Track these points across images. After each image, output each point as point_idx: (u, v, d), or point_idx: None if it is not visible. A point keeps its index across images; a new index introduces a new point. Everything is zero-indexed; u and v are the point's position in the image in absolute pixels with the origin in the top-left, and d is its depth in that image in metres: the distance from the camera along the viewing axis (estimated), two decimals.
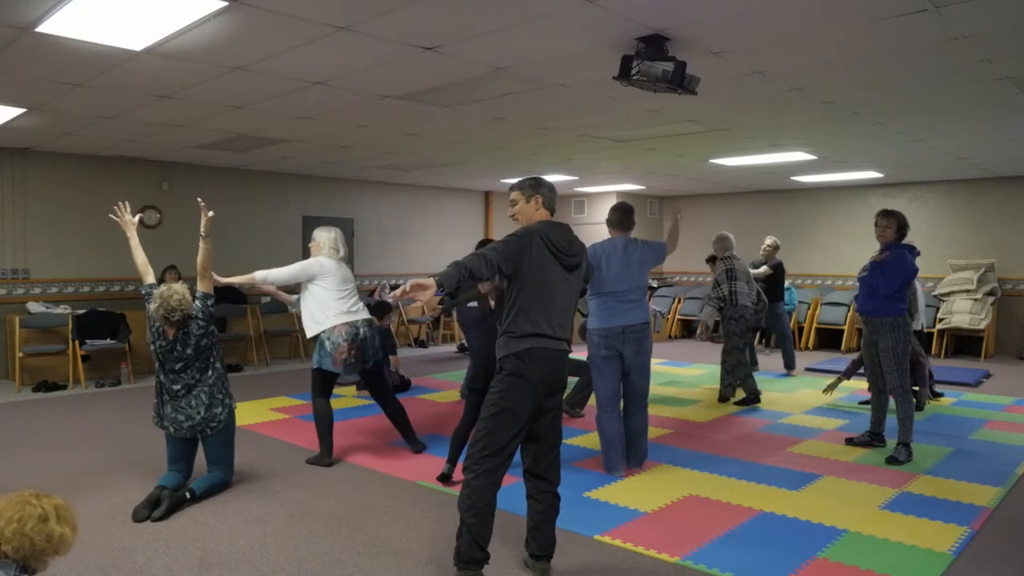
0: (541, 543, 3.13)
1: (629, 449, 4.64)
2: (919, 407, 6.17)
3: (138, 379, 7.99)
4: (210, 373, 4.10)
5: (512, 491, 4.27)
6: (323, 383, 4.77)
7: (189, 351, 4.01)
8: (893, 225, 4.97)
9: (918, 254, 5.07)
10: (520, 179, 3.26)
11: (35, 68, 4.57)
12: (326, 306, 4.68)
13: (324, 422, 4.79)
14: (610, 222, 4.67)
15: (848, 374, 6.52)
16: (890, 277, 4.84)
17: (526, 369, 2.95)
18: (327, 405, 4.80)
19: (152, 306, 3.95)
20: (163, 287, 3.99)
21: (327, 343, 4.63)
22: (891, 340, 4.90)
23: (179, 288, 3.99)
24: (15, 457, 4.80)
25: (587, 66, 4.48)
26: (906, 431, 4.91)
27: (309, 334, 4.71)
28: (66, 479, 4.17)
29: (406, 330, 11.22)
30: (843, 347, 10.51)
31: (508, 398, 2.94)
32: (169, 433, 4.06)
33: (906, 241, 5.09)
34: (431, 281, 2.72)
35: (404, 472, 4.65)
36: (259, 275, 4.52)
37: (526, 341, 2.96)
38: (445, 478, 4.43)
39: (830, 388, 6.52)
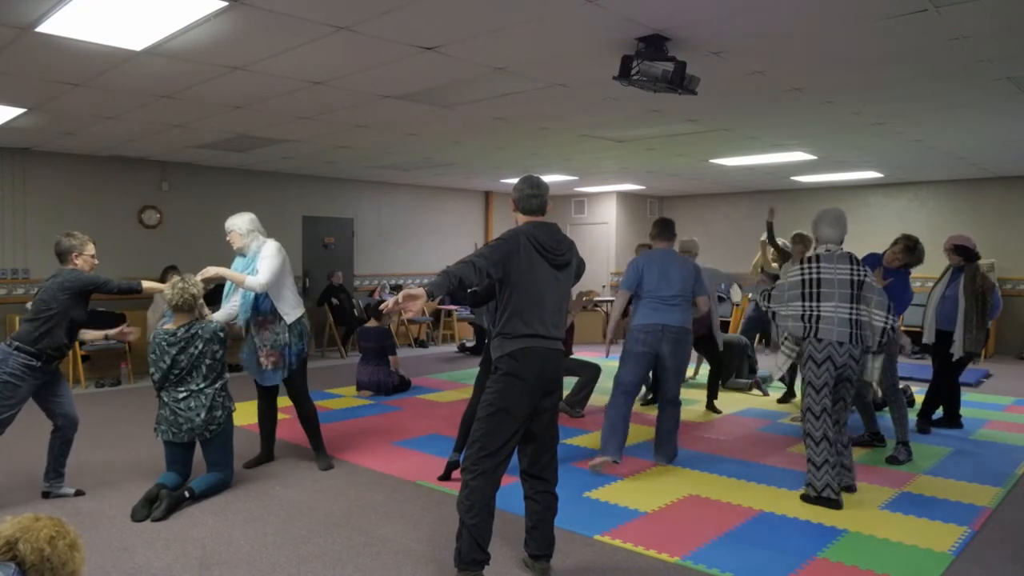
0: (540, 543, 3.13)
1: (662, 445, 4.84)
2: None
3: (138, 379, 7.99)
4: (217, 384, 4.12)
5: (512, 491, 4.28)
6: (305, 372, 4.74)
7: (193, 352, 4.03)
8: (906, 259, 4.95)
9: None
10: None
11: (35, 68, 4.57)
12: (293, 290, 4.63)
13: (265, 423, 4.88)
14: (652, 235, 4.96)
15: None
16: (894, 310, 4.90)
17: (521, 369, 2.96)
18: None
19: (167, 288, 4.08)
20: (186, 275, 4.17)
21: (307, 329, 4.68)
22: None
23: (199, 283, 4.15)
24: (14, 457, 4.80)
25: (587, 66, 4.48)
26: (903, 430, 4.92)
27: (292, 318, 4.56)
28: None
29: (406, 330, 11.22)
30: None
31: (504, 398, 2.95)
32: (169, 436, 4.06)
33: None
34: (421, 291, 2.76)
35: (404, 472, 4.65)
36: (250, 280, 4.42)
37: (520, 341, 2.97)
38: (455, 465, 4.41)
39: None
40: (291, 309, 4.56)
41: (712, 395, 6.56)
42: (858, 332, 3.93)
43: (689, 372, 7.98)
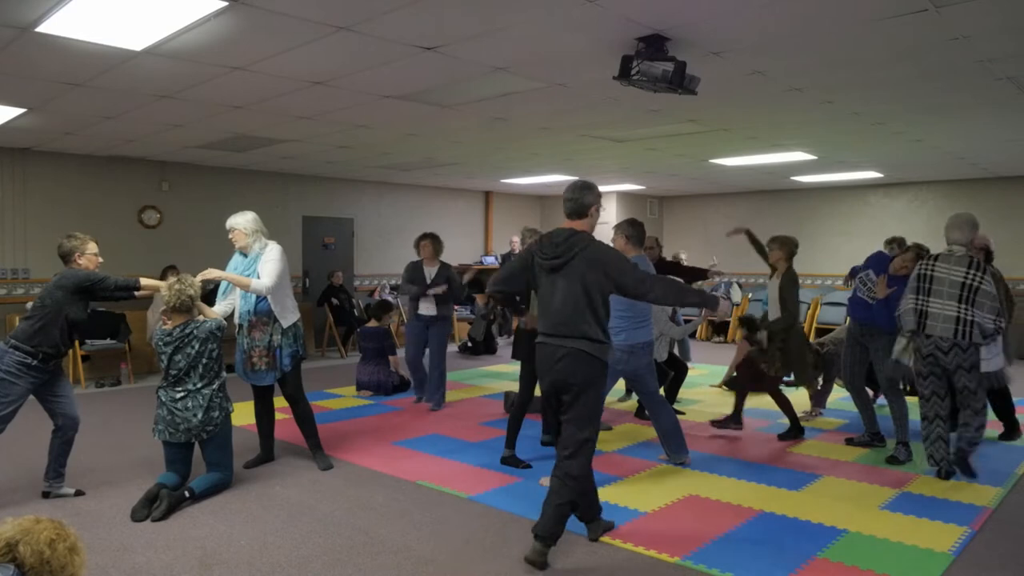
0: (541, 523, 3.20)
1: (673, 442, 4.77)
2: None
3: (138, 379, 7.99)
4: (214, 384, 4.12)
5: (513, 490, 4.28)
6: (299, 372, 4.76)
7: (190, 352, 4.03)
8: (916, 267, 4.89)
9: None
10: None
11: (35, 68, 4.57)
12: (291, 296, 4.66)
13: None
14: (632, 238, 4.64)
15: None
16: (895, 316, 4.87)
17: (537, 361, 3.41)
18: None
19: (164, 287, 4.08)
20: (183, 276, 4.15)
21: (301, 331, 4.69)
22: (887, 341, 4.92)
23: (197, 283, 4.13)
24: (15, 457, 4.80)
25: (587, 66, 4.48)
26: (903, 430, 4.92)
27: (289, 322, 4.59)
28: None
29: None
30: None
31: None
32: (166, 436, 4.06)
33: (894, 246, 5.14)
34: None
35: (404, 472, 4.65)
36: (255, 284, 4.37)
37: (539, 338, 3.37)
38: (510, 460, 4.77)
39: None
40: (289, 314, 4.57)
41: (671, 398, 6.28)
42: (966, 330, 4.20)
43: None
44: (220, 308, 4.58)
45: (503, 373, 8.63)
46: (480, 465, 4.79)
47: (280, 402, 4.84)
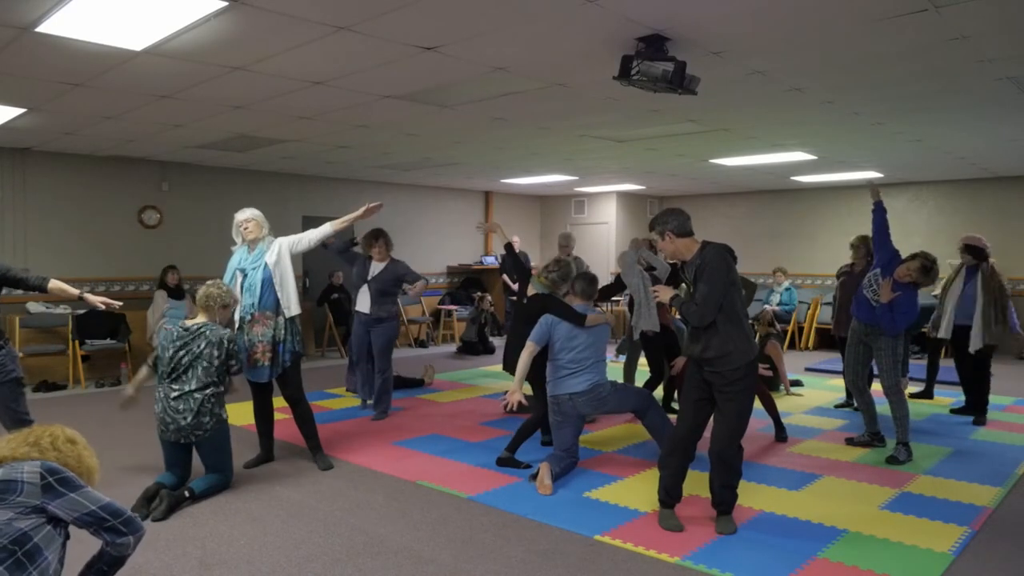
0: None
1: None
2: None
3: None
4: (208, 390, 4.08)
5: (513, 490, 4.28)
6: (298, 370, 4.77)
7: (195, 350, 4.07)
8: (918, 278, 4.83)
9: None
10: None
11: (35, 68, 4.57)
12: (295, 288, 4.72)
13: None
14: (580, 291, 4.71)
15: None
16: (899, 323, 4.90)
17: None
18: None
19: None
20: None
21: (299, 328, 4.72)
22: (890, 341, 4.92)
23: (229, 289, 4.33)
24: None
25: (587, 66, 4.48)
26: (903, 430, 4.92)
27: (292, 313, 4.60)
28: None
29: (406, 330, 11.21)
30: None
31: None
32: (159, 433, 4.08)
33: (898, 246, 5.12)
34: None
35: (404, 472, 4.65)
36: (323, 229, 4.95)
37: None
38: (507, 461, 4.79)
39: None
40: (293, 305, 4.61)
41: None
42: None
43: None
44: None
45: (502, 373, 8.61)
46: (480, 465, 4.79)
47: (280, 402, 4.83)
